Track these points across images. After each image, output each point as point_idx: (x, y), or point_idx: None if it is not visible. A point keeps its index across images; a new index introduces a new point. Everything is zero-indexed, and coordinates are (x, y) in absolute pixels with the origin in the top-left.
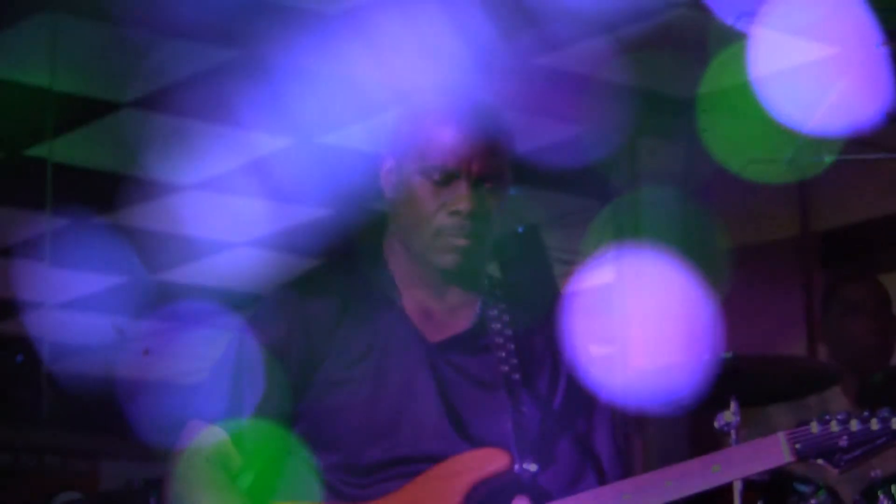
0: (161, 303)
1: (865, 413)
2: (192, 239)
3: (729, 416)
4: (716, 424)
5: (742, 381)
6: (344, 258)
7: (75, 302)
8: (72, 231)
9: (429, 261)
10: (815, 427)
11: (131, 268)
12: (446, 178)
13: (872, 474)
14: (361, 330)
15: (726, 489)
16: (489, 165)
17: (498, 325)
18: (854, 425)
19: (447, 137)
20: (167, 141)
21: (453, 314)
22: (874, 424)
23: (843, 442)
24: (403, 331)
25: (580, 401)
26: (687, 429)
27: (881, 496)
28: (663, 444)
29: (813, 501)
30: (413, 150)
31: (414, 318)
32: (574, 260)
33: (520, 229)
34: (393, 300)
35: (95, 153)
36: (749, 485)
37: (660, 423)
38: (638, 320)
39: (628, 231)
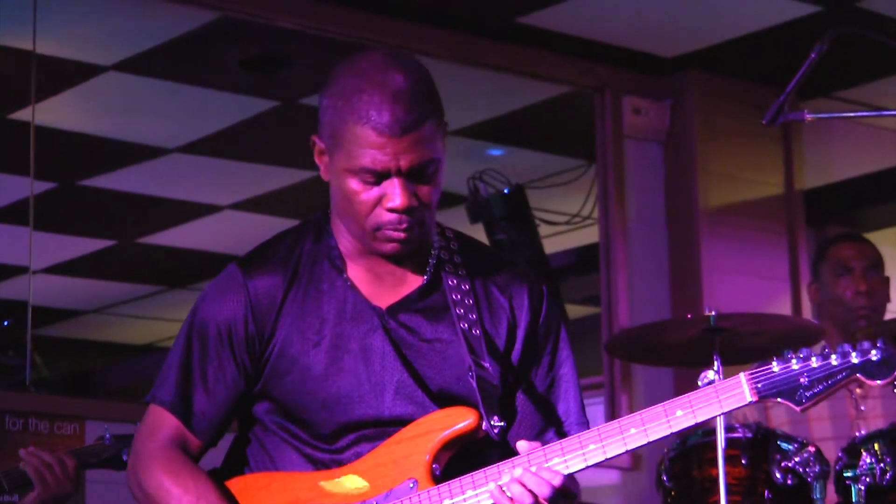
0: (146, 267)
1: (825, 349)
2: (176, 202)
3: (711, 374)
4: (699, 383)
5: (726, 339)
6: (290, 231)
7: (63, 265)
8: (56, 195)
9: (370, 248)
10: (775, 366)
11: (118, 232)
12: (377, 178)
13: (858, 431)
14: (311, 303)
15: (711, 448)
16: (419, 157)
17: (454, 280)
18: (815, 361)
19: (374, 138)
20: (151, 104)
21: (403, 276)
22: (834, 360)
23: (804, 379)
24: (353, 300)
25: (541, 353)
26: (672, 386)
27: (863, 452)
28: (649, 401)
29: (797, 459)
30: (341, 147)
31: (362, 286)
32: (560, 223)
33: (505, 191)
34: (340, 270)
35: (79, 116)
36: (732, 442)
37: (645, 379)
38: (624, 281)
39: (613, 192)
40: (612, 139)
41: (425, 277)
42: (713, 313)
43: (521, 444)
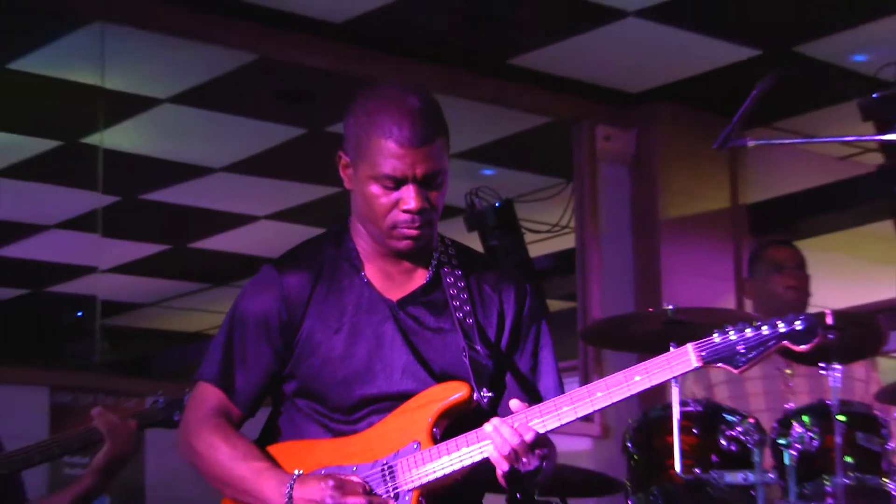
0: (195, 267)
1: (758, 322)
2: (221, 213)
3: None
4: None
5: (681, 329)
6: (316, 238)
7: (126, 266)
8: (120, 207)
9: (386, 246)
10: (716, 337)
11: (172, 238)
12: (396, 184)
13: (787, 406)
14: (333, 297)
15: (668, 420)
16: (431, 167)
17: (451, 279)
18: (749, 332)
19: (396, 150)
20: (200, 131)
21: (410, 274)
22: (765, 329)
23: (741, 347)
24: (368, 294)
25: (524, 340)
26: None
27: (794, 423)
28: None
29: (739, 429)
30: (365, 159)
31: (376, 283)
32: (543, 231)
33: (497, 204)
34: (358, 269)
35: (140, 141)
36: (685, 415)
37: (614, 363)
38: (597, 280)
39: (588, 206)
40: (586, 161)
41: (428, 276)
42: (671, 308)
43: (514, 403)
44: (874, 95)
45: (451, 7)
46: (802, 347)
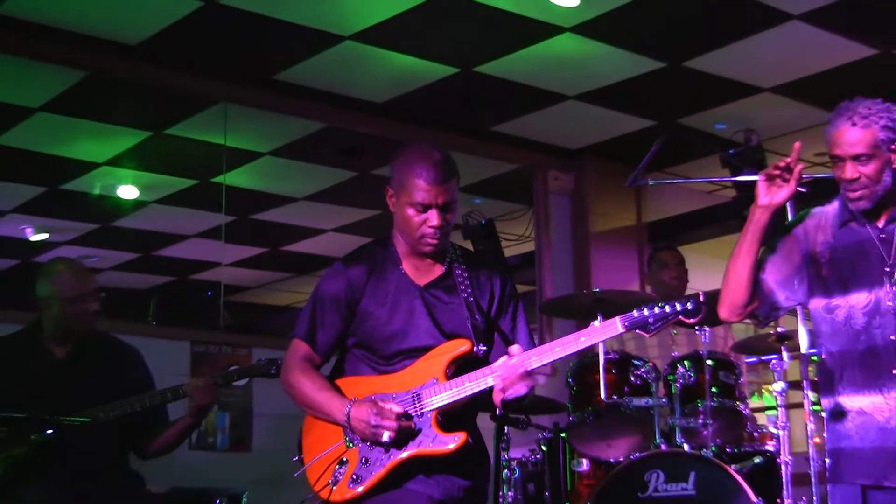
0: (286, 263)
1: (662, 302)
2: (302, 227)
3: (597, 322)
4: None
5: (604, 305)
6: (370, 243)
7: (240, 262)
8: (237, 223)
9: (416, 249)
10: (635, 312)
11: (270, 243)
12: (425, 208)
13: (674, 353)
14: (381, 283)
15: (596, 363)
16: (448, 198)
17: (459, 271)
18: (657, 309)
19: (425, 186)
20: (289, 173)
21: (432, 268)
22: (667, 308)
23: (651, 318)
24: (404, 281)
25: (507, 311)
26: (574, 331)
27: (678, 366)
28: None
29: (643, 369)
30: (405, 191)
31: (409, 273)
32: (513, 239)
33: (483, 222)
34: (397, 264)
35: (250, 180)
36: (607, 361)
37: (561, 328)
38: (549, 272)
39: (543, 223)
40: (542, 193)
41: (444, 269)
42: (597, 290)
43: (514, 348)
44: (730, 151)
45: (455, 94)
46: (692, 321)
